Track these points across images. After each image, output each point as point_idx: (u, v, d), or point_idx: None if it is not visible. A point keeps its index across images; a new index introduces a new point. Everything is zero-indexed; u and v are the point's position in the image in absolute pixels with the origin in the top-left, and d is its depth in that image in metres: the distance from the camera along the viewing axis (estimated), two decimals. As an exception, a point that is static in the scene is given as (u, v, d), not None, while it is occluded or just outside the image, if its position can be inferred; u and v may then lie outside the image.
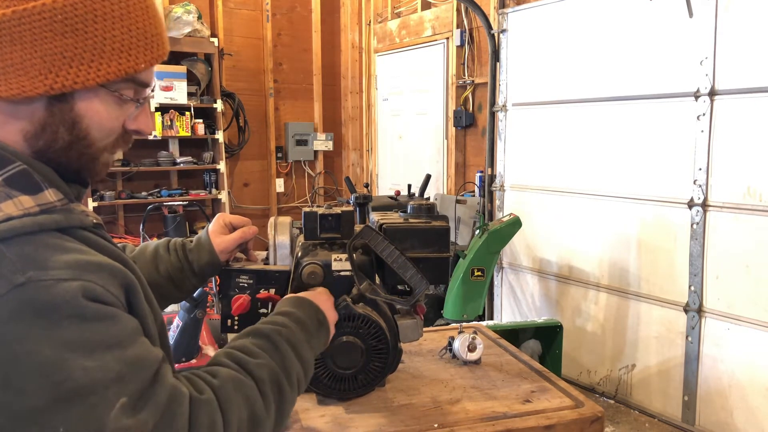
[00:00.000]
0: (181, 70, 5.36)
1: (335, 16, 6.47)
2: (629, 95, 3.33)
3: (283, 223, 1.43)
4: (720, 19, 2.88)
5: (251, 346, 0.97)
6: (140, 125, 0.94)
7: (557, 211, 3.80)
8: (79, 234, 0.85)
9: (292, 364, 0.99)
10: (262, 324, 1.04)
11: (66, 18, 0.82)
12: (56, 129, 0.86)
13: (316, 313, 1.12)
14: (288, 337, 1.01)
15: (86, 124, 0.88)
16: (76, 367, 0.74)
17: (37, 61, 0.82)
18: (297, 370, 1.00)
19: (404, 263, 1.31)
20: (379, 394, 1.45)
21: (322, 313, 1.13)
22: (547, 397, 1.45)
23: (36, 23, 0.81)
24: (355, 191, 4.15)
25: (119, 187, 5.37)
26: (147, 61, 0.89)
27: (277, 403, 0.94)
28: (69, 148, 0.88)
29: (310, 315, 1.10)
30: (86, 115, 0.87)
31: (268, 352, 0.97)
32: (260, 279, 1.33)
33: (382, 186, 6.05)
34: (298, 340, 1.02)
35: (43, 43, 0.82)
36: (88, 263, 0.80)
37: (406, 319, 1.43)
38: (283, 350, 0.99)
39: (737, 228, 2.88)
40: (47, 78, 0.83)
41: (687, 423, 3.14)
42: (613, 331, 3.55)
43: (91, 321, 0.77)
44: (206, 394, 0.86)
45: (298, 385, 1.00)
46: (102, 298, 0.79)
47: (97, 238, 0.87)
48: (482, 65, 4.68)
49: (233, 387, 0.89)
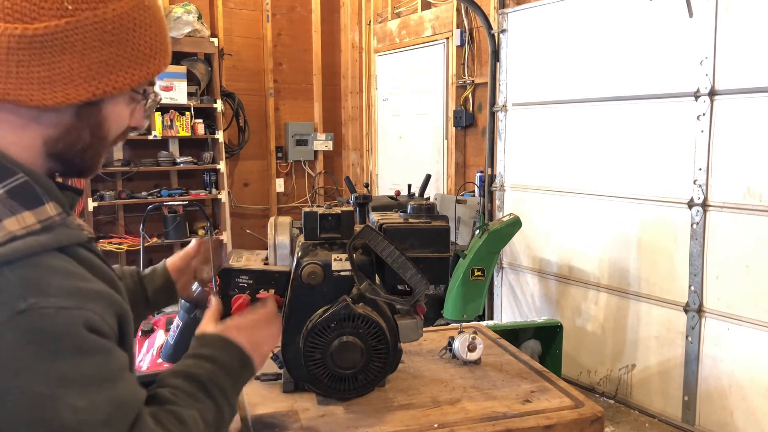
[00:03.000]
0: (181, 70, 5.35)
1: (335, 16, 6.47)
2: (629, 95, 3.33)
3: (283, 223, 1.43)
4: (720, 19, 2.88)
5: (195, 391, 0.98)
6: (138, 121, 0.97)
7: (557, 211, 3.80)
8: (79, 253, 0.85)
9: (227, 409, 1.02)
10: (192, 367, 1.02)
11: (114, 28, 0.85)
12: (81, 132, 0.88)
13: (239, 356, 1.10)
14: (220, 384, 1.02)
15: (108, 126, 0.91)
16: (65, 406, 0.74)
17: (83, 70, 0.84)
18: (229, 414, 1.03)
19: (404, 263, 1.31)
20: (379, 394, 1.45)
21: (245, 355, 1.10)
22: (547, 397, 1.45)
23: (88, 33, 0.83)
24: (355, 191, 4.16)
25: (119, 187, 5.37)
26: (165, 64, 0.94)
27: None
28: (88, 149, 0.90)
29: (234, 360, 1.08)
30: (110, 117, 0.90)
31: (209, 398, 0.99)
32: (260, 279, 1.33)
33: (382, 186, 6.05)
34: (228, 387, 1.03)
35: (91, 53, 0.84)
36: (88, 291, 0.80)
37: (406, 319, 1.43)
38: (218, 397, 1.00)
39: (737, 228, 2.88)
40: (90, 86, 0.85)
41: (687, 423, 3.14)
42: (613, 331, 3.55)
43: (89, 354, 0.78)
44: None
45: (228, 426, 1.03)
46: (100, 330, 0.79)
47: (91, 257, 0.87)
48: (482, 65, 4.68)
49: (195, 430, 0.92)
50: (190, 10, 5.23)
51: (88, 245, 0.88)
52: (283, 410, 1.38)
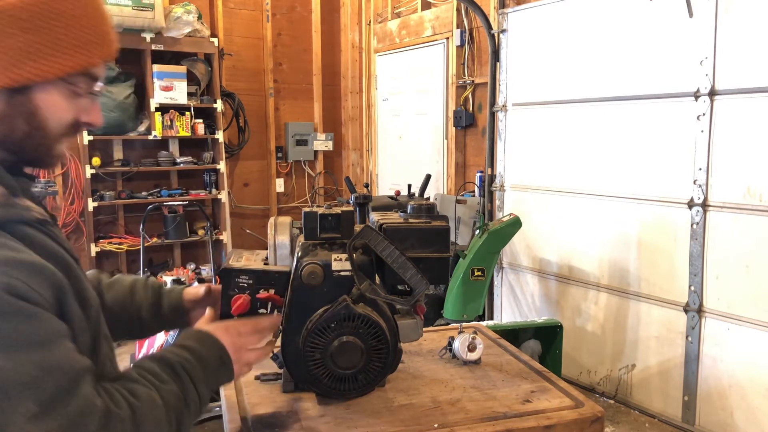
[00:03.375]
0: (181, 70, 5.35)
1: (335, 16, 6.47)
2: (629, 95, 3.33)
3: (283, 223, 1.43)
4: (720, 19, 2.88)
5: (161, 372, 1.00)
6: (92, 118, 1.00)
7: (557, 211, 3.80)
8: (19, 230, 0.88)
9: (193, 397, 1.02)
10: (167, 352, 1.06)
11: (30, 16, 0.88)
12: (14, 120, 0.91)
13: (219, 353, 1.11)
14: (190, 371, 1.03)
15: (43, 115, 0.93)
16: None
17: (2, 56, 0.87)
18: (195, 403, 1.03)
19: (404, 263, 1.31)
20: (379, 394, 1.45)
21: (226, 354, 1.12)
22: (547, 397, 1.45)
23: (3, 20, 0.86)
24: (355, 191, 4.15)
25: (119, 187, 5.36)
26: (101, 57, 0.96)
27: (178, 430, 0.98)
28: (27, 138, 0.93)
29: (213, 355, 1.10)
30: (44, 106, 0.93)
31: (175, 382, 1.00)
32: (260, 279, 1.33)
33: (382, 186, 6.05)
34: (198, 377, 1.05)
35: (8, 39, 0.87)
36: (16, 261, 0.83)
37: (406, 319, 1.43)
38: (186, 382, 1.01)
39: (737, 228, 2.88)
40: (12, 72, 0.88)
41: (687, 423, 3.14)
42: (613, 331, 3.55)
43: (11, 317, 0.79)
44: (123, 410, 0.88)
45: (193, 417, 1.03)
46: (26, 296, 0.81)
47: (41, 236, 0.91)
48: (482, 65, 4.68)
49: (149, 408, 0.92)
50: (190, 10, 5.23)
51: (38, 226, 0.91)
52: (283, 410, 1.38)
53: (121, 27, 4.98)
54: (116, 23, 4.90)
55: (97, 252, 5.17)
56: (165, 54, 5.34)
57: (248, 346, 1.18)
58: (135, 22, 4.96)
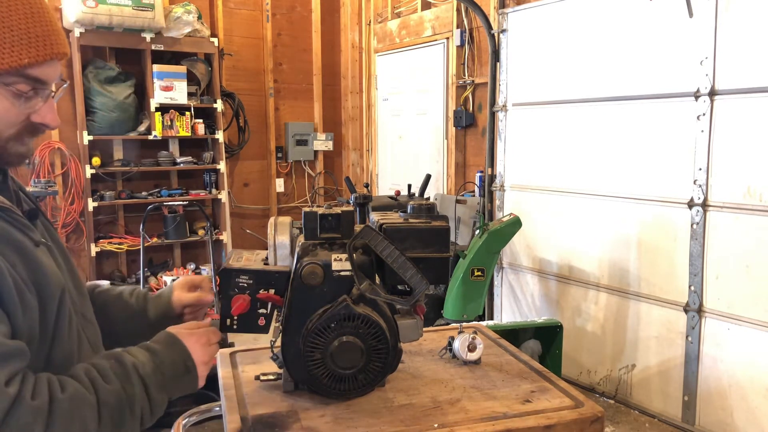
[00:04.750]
0: (181, 70, 5.35)
1: (335, 16, 6.47)
2: (629, 95, 3.33)
3: (283, 223, 1.43)
4: (720, 19, 2.88)
5: (109, 371, 1.01)
6: (45, 119, 1.03)
7: (557, 211, 3.80)
8: None
9: (139, 399, 1.03)
10: (127, 353, 1.08)
11: None
12: None
13: (184, 359, 1.12)
14: (144, 375, 1.05)
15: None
16: None
17: None
18: (143, 405, 1.03)
19: (404, 263, 1.31)
20: (379, 394, 1.45)
21: (191, 360, 1.13)
22: (547, 397, 1.45)
23: None
24: (355, 191, 4.16)
25: (119, 186, 5.37)
26: (31, 57, 0.98)
27: (113, 430, 0.98)
28: None
29: (175, 360, 1.11)
30: None
31: (123, 382, 1.01)
32: (260, 279, 1.33)
33: (382, 186, 6.05)
34: (154, 382, 1.06)
35: None
36: None
37: (406, 319, 1.43)
38: (135, 385, 1.02)
39: (737, 228, 2.88)
40: None
41: (687, 423, 3.14)
42: (613, 331, 3.55)
43: None
44: (38, 400, 0.89)
45: (141, 418, 1.04)
46: None
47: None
48: (482, 65, 4.68)
49: (75, 404, 0.93)
50: (190, 10, 5.23)
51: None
52: (283, 410, 1.38)
53: (121, 27, 4.98)
54: (116, 23, 4.91)
55: (97, 252, 5.18)
56: (165, 54, 5.34)
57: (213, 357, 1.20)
58: (135, 22, 4.96)
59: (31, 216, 1.06)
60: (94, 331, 1.17)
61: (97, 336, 1.18)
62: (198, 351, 1.15)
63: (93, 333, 1.16)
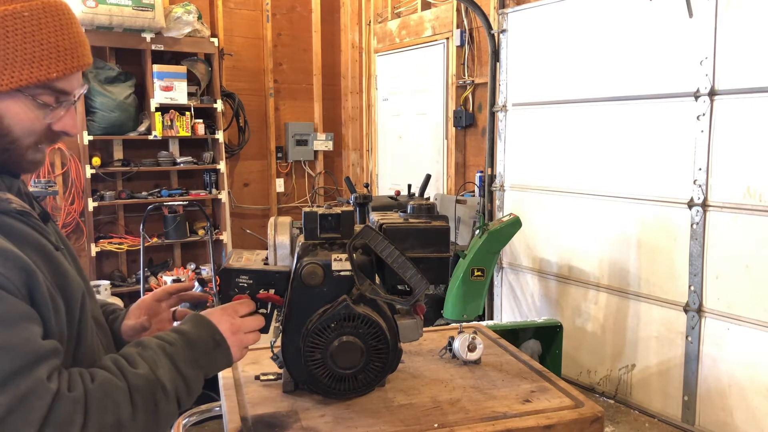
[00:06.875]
0: (181, 70, 5.35)
1: (335, 16, 6.47)
2: (629, 95, 3.33)
3: (283, 223, 1.43)
4: (720, 19, 2.88)
5: (136, 356, 1.02)
6: (66, 126, 1.05)
7: (557, 211, 3.80)
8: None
9: (172, 378, 1.03)
10: (154, 337, 1.08)
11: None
12: None
13: (212, 334, 1.13)
14: (172, 354, 1.05)
15: (7, 123, 0.99)
16: None
17: None
18: (176, 384, 1.03)
19: (404, 263, 1.31)
20: (379, 394, 1.45)
21: (219, 333, 1.13)
22: (547, 397, 1.45)
23: None
24: (355, 191, 4.15)
25: (119, 187, 5.37)
26: (59, 71, 1.00)
27: (148, 413, 0.98)
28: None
29: (202, 334, 1.12)
30: (6, 115, 0.98)
31: (150, 364, 1.01)
32: (260, 279, 1.33)
33: (382, 186, 6.05)
34: (181, 358, 1.06)
35: None
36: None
37: (406, 319, 1.43)
38: (162, 364, 1.03)
39: (737, 228, 2.88)
40: None
41: (687, 423, 3.14)
42: (613, 331, 3.55)
43: None
44: (76, 392, 0.91)
45: (177, 399, 1.04)
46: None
47: (20, 225, 0.96)
48: (482, 65, 4.68)
49: (106, 391, 0.94)
50: (190, 10, 5.23)
51: (18, 216, 0.98)
52: (283, 410, 1.38)
53: (121, 27, 4.98)
54: (116, 23, 4.91)
55: (97, 252, 5.17)
56: (165, 54, 5.34)
57: (246, 329, 1.19)
58: (135, 22, 4.96)
59: (43, 219, 1.07)
60: (105, 333, 1.18)
61: (109, 339, 1.19)
62: (225, 323, 1.15)
63: (105, 336, 1.17)
